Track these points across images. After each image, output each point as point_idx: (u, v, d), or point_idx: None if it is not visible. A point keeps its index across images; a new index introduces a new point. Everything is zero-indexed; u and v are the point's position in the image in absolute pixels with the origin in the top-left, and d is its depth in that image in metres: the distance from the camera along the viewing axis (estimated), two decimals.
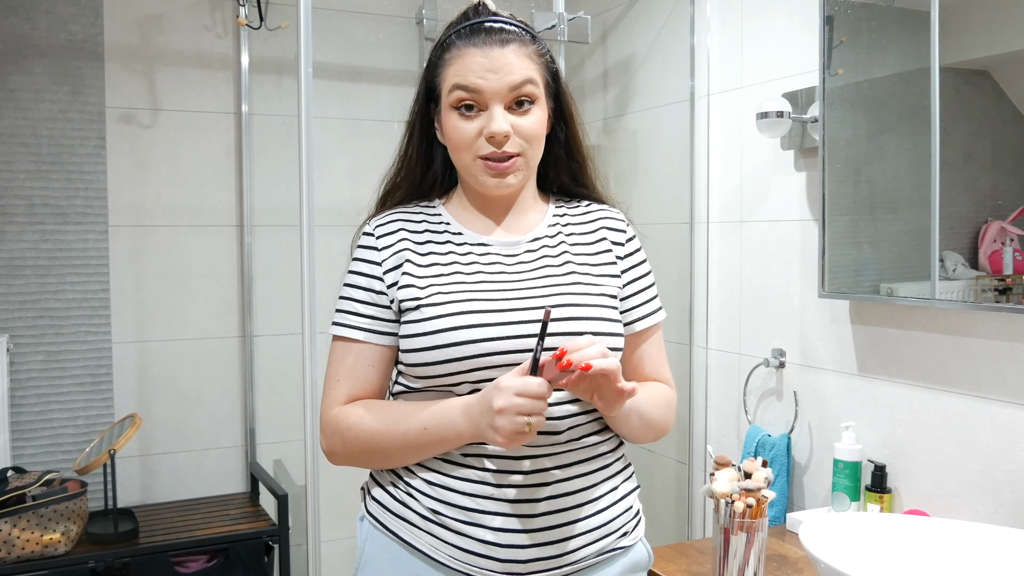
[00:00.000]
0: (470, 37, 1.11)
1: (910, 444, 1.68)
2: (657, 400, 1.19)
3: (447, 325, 1.07)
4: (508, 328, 1.07)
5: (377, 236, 1.16)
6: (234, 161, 2.50)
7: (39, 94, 2.27)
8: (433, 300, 1.09)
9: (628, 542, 1.16)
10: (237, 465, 2.55)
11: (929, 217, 1.58)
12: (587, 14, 2.35)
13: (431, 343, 1.07)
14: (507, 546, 1.07)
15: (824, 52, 1.73)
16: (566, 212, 1.23)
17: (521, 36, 1.13)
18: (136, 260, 2.41)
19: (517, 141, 1.10)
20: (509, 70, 1.09)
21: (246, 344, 2.52)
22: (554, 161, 1.22)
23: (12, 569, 1.96)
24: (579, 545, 1.10)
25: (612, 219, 1.24)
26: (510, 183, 1.12)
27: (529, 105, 1.11)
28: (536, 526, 1.07)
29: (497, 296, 1.10)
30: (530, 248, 1.17)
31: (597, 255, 1.19)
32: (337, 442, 1.14)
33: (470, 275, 1.12)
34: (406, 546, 1.11)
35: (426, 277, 1.12)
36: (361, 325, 1.14)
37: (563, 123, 1.20)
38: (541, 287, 1.12)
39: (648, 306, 1.22)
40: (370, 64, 2.63)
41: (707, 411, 2.24)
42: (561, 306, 1.10)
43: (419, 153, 1.20)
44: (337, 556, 2.36)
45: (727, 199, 2.15)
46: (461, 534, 1.08)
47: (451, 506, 1.08)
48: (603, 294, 1.15)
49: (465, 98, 1.10)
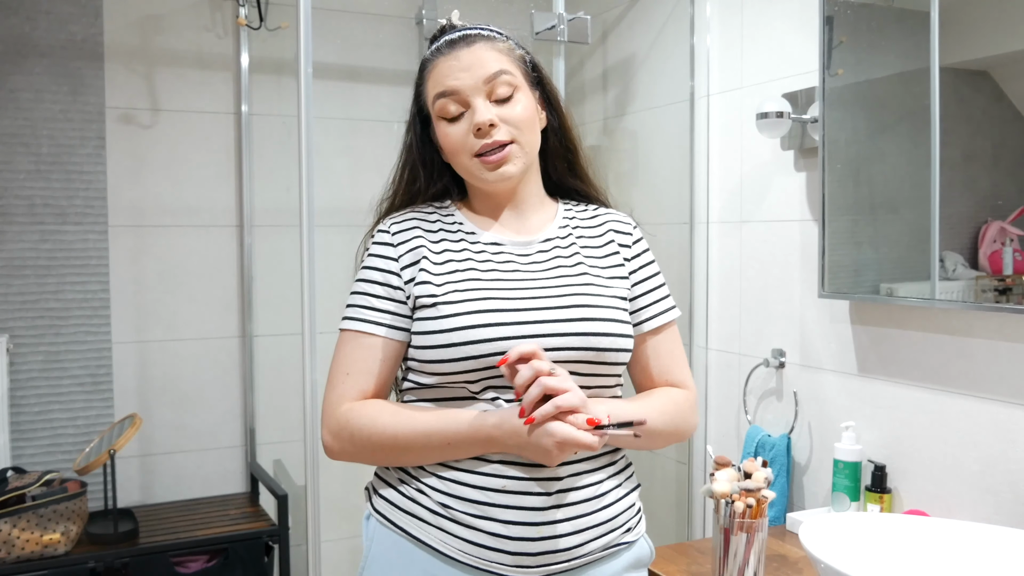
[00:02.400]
0: (439, 51, 1.17)
1: (910, 444, 1.68)
2: (661, 411, 1.18)
3: (464, 323, 1.08)
4: (523, 328, 1.09)
5: (393, 233, 1.18)
6: (234, 161, 2.50)
7: (39, 94, 2.27)
8: (450, 298, 1.10)
9: (632, 537, 1.18)
10: (237, 465, 2.54)
11: (929, 217, 1.58)
12: (587, 14, 2.35)
13: (448, 340, 1.08)
14: (517, 539, 1.08)
15: (824, 52, 1.73)
16: (575, 215, 1.25)
17: (488, 36, 1.17)
18: (136, 260, 2.41)
19: (506, 129, 1.13)
20: (480, 64, 1.13)
21: (246, 344, 2.52)
22: (551, 153, 1.25)
23: (12, 569, 1.96)
24: (587, 539, 1.11)
25: (619, 222, 1.26)
26: (509, 172, 1.14)
27: (511, 95, 1.14)
28: (546, 519, 1.08)
29: (512, 295, 1.12)
30: (542, 248, 1.19)
31: (605, 257, 1.21)
32: (345, 438, 1.13)
33: (485, 273, 1.14)
34: (415, 542, 1.12)
35: (442, 274, 1.13)
36: (377, 319, 1.15)
37: (552, 113, 1.23)
38: (555, 286, 1.14)
39: (657, 306, 1.24)
40: (370, 64, 2.63)
41: (707, 411, 2.24)
42: (574, 307, 1.12)
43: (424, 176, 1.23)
44: (337, 556, 2.36)
45: (727, 199, 2.15)
46: (471, 527, 1.08)
47: (461, 500, 1.09)
48: (615, 295, 1.17)
49: (447, 103, 1.14)
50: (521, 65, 1.18)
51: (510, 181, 1.16)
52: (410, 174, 1.24)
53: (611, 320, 1.13)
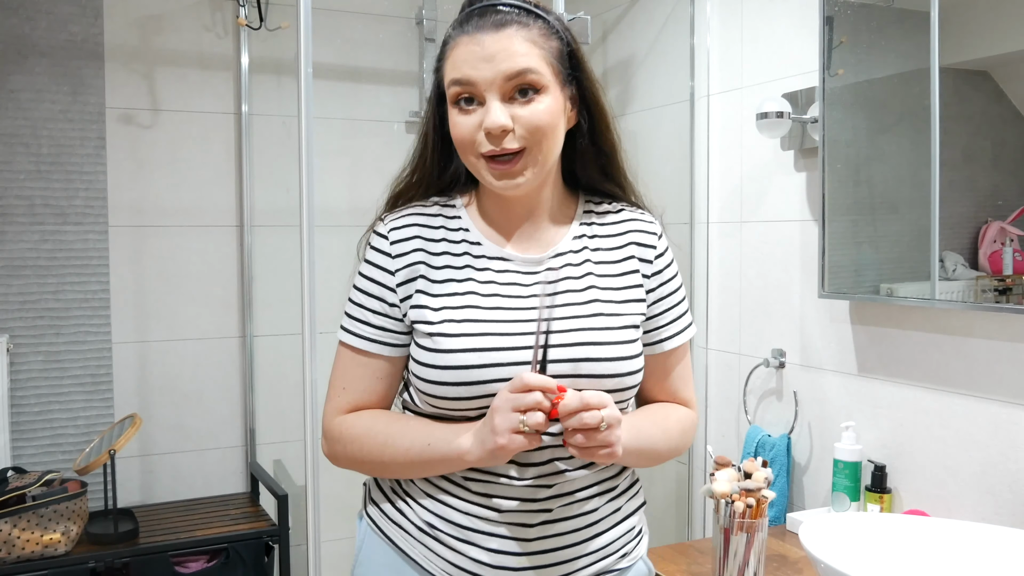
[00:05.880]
0: (463, 25, 1.02)
1: (910, 444, 1.68)
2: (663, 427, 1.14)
3: (460, 362, 1.01)
4: (522, 368, 1.01)
5: (391, 242, 1.08)
6: (234, 161, 2.50)
7: (39, 94, 2.27)
8: (445, 330, 1.03)
9: (626, 563, 1.13)
10: (237, 465, 2.54)
11: (929, 217, 1.58)
12: (587, 14, 2.34)
13: (443, 378, 1.02)
14: (499, 568, 1.04)
15: (824, 52, 1.73)
16: (595, 221, 1.14)
17: (520, 17, 1.02)
18: (136, 260, 2.41)
19: (520, 135, 1.00)
20: (505, 56, 0.99)
21: (246, 344, 2.52)
22: (580, 155, 1.12)
23: (12, 569, 1.96)
24: (575, 568, 1.07)
25: (643, 232, 1.14)
26: (518, 184, 1.03)
27: (534, 94, 1.00)
28: (531, 549, 1.05)
29: (511, 329, 1.03)
30: (552, 267, 1.09)
31: (622, 276, 1.11)
32: (339, 450, 1.11)
33: (485, 298, 1.06)
34: (401, 553, 1.10)
35: (440, 297, 1.05)
36: (370, 336, 1.08)
37: (586, 111, 1.09)
38: (560, 317, 1.05)
39: (673, 326, 1.16)
40: (370, 64, 2.62)
41: (707, 411, 2.24)
42: (579, 344, 1.04)
43: (434, 155, 1.12)
44: (337, 556, 2.36)
45: (727, 199, 2.15)
46: (455, 550, 1.05)
47: (446, 522, 1.06)
48: (625, 325, 1.08)
49: (461, 92, 1.01)
50: (554, 59, 1.03)
51: (518, 191, 1.04)
52: (422, 152, 1.13)
53: (617, 359, 1.05)
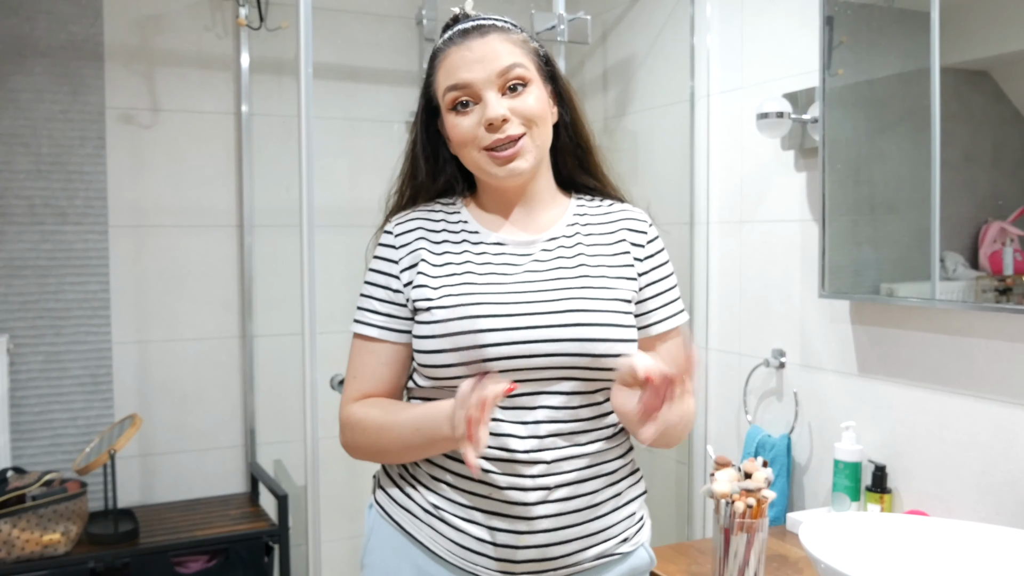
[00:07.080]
0: (451, 41, 1.14)
1: (910, 444, 1.68)
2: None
3: (455, 329, 1.08)
4: (514, 334, 1.07)
5: (396, 235, 1.17)
6: (234, 161, 2.50)
7: (39, 94, 2.27)
8: (443, 303, 1.10)
9: (628, 548, 1.16)
10: (237, 465, 2.54)
11: (929, 217, 1.58)
12: (587, 14, 2.35)
13: (440, 346, 1.09)
14: (501, 545, 1.08)
15: (824, 52, 1.73)
16: (587, 211, 1.22)
17: (502, 27, 1.14)
18: (136, 260, 2.41)
19: (518, 123, 1.10)
20: (494, 56, 1.10)
21: (246, 344, 2.52)
22: (561, 148, 1.22)
23: (12, 569, 1.96)
24: (576, 549, 1.10)
25: (634, 219, 1.23)
26: (520, 167, 1.12)
27: (522, 87, 1.11)
28: (532, 528, 1.08)
29: (506, 300, 1.10)
30: (546, 248, 1.16)
31: (615, 256, 1.18)
32: (350, 438, 1.16)
33: (481, 276, 1.12)
34: (409, 537, 1.13)
35: (439, 277, 1.13)
36: (377, 323, 1.16)
37: (564, 107, 1.20)
38: (550, 290, 1.11)
39: (665, 309, 1.20)
40: (370, 64, 2.62)
41: (707, 411, 2.24)
42: (567, 311, 1.09)
43: (428, 167, 1.20)
44: (337, 556, 2.36)
45: (727, 199, 2.15)
46: (458, 530, 1.10)
47: (450, 501, 1.10)
48: (616, 299, 1.13)
49: (458, 96, 1.11)
50: (535, 58, 1.15)
51: (520, 177, 1.13)
52: (411, 167, 1.22)
53: (606, 325, 1.10)
